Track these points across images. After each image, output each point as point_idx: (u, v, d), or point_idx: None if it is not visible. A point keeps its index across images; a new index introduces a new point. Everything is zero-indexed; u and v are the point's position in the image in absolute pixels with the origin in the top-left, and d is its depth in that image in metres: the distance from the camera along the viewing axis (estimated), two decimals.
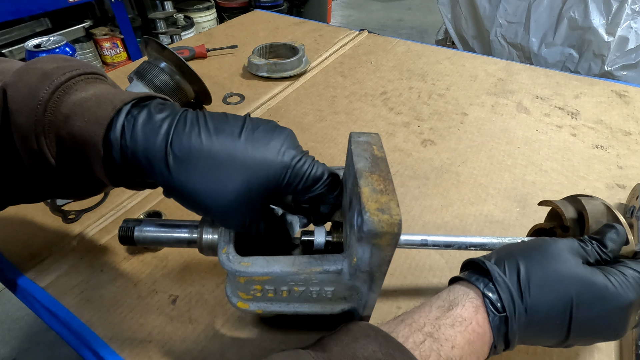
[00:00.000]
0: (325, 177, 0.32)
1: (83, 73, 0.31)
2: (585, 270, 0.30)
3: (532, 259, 0.31)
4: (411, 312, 0.32)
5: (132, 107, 0.30)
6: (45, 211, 0.53)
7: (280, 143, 0.30)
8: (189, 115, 0.30)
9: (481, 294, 0.30)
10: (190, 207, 0.31)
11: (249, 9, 2.59)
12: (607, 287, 0.29)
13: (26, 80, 0.29)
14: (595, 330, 0.30)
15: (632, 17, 1.22)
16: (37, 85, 0.29)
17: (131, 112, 0.29)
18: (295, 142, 0.32)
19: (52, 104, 0.29)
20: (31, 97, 0.28)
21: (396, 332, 0.29)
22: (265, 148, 0.30)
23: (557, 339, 0.30)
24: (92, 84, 0.31)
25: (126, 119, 0.29)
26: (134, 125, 0.29)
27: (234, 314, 0.42)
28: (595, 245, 0.32)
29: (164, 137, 0.29)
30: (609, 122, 0.73)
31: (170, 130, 0.29)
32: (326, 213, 0.35)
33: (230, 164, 0.29)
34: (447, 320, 0.29)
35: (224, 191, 0.29)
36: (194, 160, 0.29)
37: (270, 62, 0.83)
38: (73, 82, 0.30)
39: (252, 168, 0.29)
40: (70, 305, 0.42)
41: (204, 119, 0.30)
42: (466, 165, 0.62)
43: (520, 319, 0.29)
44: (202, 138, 0.29)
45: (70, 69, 0.30)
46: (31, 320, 1.30)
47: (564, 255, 0.31)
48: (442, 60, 0.93)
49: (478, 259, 0.33)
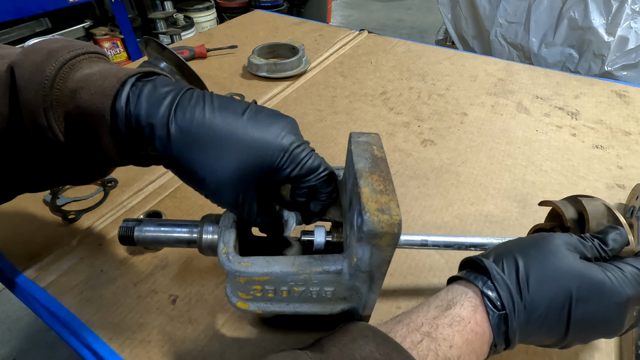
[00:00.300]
0: (321, 170, 0.32)
1: (87, 52, 0.32)
2: (583, 266, 0.30)
3: (530, 256, 0.31)
4: (409, 312, 0.31)
5: (137, 80, 0.31)
6: (45, 211, 0.53)
7: (281, 128, 0.31)
8: (196, 92, 0.31)
9: (480, 292, 0.30)
10: (186, 179, 0.32)
11: (249, 9, 2.58)
12: (604, 282, 0.29)
13: (33, 58, 0.30)
14: (593, 327, 0.30)
15: (632, 17, 1.22)
16: (43, 62, 0.29)
17: (136, 84, 0.30)
18: (296, 130, 0.33)
19: (59, 79, 0.30)
20: (38, 73, 0.29)
21: (394, 332, 0.29)
22: (266, 129, 0.31)
23: (556, 336, 0.30)
24: (96, 62, 0.32)
25: (131, 89, 0.30)
26: (139, 95, 0.30)
27: (234, 314, 0.42)
28: (595, 243, 0.32)
29: (168, 107, 0.30)
30: (609, 122, 0.73)
31: (174, 102, 0.30)
32: (316, 211, 0.35)
33: (229, 139, 0.30)
34: (445, 320, 0.29)
35: (220, 165, 0.30)
36: (194, 132, 0.29)
37: (270, 62, 0.83)
38: (78, 60, 0.31)
39: (250, 146, 0.30)
40: (70, 305, 0.42)
41: (210, 97, 0.31)
42: (466, 165, 0.62)
43: (520, 316, 0.29)
44: (206, 112, 0.30)
45: (75, 48, 0.31)
46: (31, 320, 1.30)
47: (561, 250, 0.31)
48: (442, 60, 0.93)
49: (476, 258, 0.32)
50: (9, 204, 0.53)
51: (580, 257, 0.31)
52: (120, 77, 0.29)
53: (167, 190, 0.57)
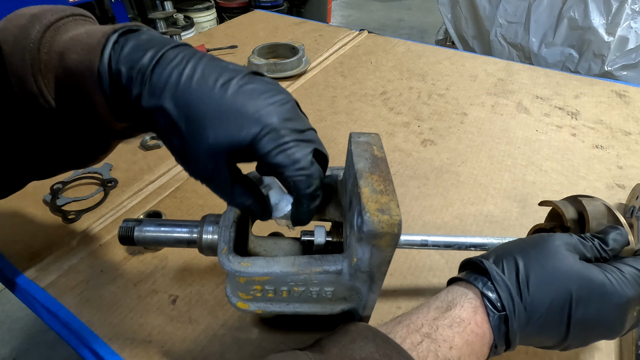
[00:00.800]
0: (300, 166, 0.28)
1: (72, 14, 0.31)
2: (582, 267, 0.30)
3: (530, 257, 0.30)
4: (409, 313, 0.31)
5: (123, 34, 0.29)
6: (45, 211, 0.53)
7: (267, 105, 0.28)
8: (182, 52, 0.29)
9: (480, 293, 0.30)
10: (162, 139, 0.31)
11: (249, 9, 2.58)
12: (604, 284, 0.29)
13: (15, 23, 0.29)
14: (594, 328, 0.30)
15: (632, 17, 1.22)
16: (27, 25, 0.28)
17: (120, 39, 0.29)
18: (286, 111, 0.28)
19: (45, 42, 0.29)
20: (23, 37, 0.28)
21: (394, 333, 0.29)
22: (248, 105, 0.27)
23: (557, 338, 0.30)
24: (82, 24, 0.31)
25: (115, 45, 0.28)
26: (122, 48, 0.28)
27: (234, 314, 0.42)
28: (596, 243, 0.32)
29: (147, 62, 0.28)
30: (609, 122, 0.73)
31: (154, 58, 0.28)
32: (298, 219, 0.32)
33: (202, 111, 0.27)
34: (445, 321, 0.29)
35: (192, 136, 0.28)
36: (166, 96, 0.27)
37: (270, 62, 0.83)
38: (63, 23, 0.30)
39: (223, 121, 0.27)
40: (70, 305, 0.42)
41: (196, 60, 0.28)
42: (466, 165, 0.62)
43: (520, 317, 0.29)
44: (183, 77, 0.28)
45: (59, 11, 0.30)
46: (31, 320, 1.30)
47: (561, 251, 0.30)
48: (442, 60, 0.93)
49: (476, 259, 0.32)
50: (9, 204, 0.53)
51: (580, 258, 0.31)
52: (106, 31, 0.28)
53: (167, 190, 0.57)
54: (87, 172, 0.58)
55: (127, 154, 0.64)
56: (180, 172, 0.60)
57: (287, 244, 0.38)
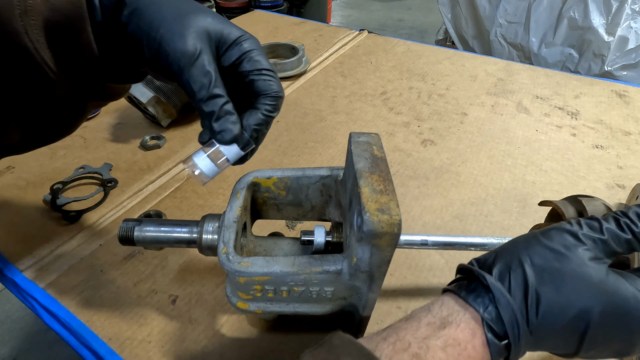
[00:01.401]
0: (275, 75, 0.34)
1: None
2: (610, 284, 0.25)
3: (544, 273, 0.26)
4: (396, 327, 0.27)
5: None
6: (45, 211, 0.53)
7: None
8: None
9: (480, 316, 0.26)
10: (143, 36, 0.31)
11: (249, 9, 2.58)
12: (629, 299, 0.25)
13: None
14: (608, 349, 0.26)
15: (632, 17, 1.22)
16: None
17: None
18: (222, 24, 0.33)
19: None
20: None
21: (379, 350, 0.25)
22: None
23: (561, 352, 0.27)
24: None
25: None
26: None
27: (234, 314, 0.42)
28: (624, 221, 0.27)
29: None
30: (609, 122, 0.73)
31: None
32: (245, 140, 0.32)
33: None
34: (437, 342, 0.25)
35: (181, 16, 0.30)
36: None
37: (270, 62, 0.83)
38: None
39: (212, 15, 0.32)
40: (70, 305, 0.42)
41: None
42: (466, 165, 0.62)
43: (524, 342, 0.26)
44: None
45: None
46: (31, 320, 1.30)
47: (584, 269, 0.26)
48: (442, 60, 0.93)
49: (477, 272, 0.28)
50: (9, 204, 0.53)
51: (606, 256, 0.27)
52: None
53: (167, 190, 0.57)
54: (87, 172, 0.59)
55: (127, 154, 0.64)
56: (180, 172, 0.60)
57: (287, 244, 0.38)
